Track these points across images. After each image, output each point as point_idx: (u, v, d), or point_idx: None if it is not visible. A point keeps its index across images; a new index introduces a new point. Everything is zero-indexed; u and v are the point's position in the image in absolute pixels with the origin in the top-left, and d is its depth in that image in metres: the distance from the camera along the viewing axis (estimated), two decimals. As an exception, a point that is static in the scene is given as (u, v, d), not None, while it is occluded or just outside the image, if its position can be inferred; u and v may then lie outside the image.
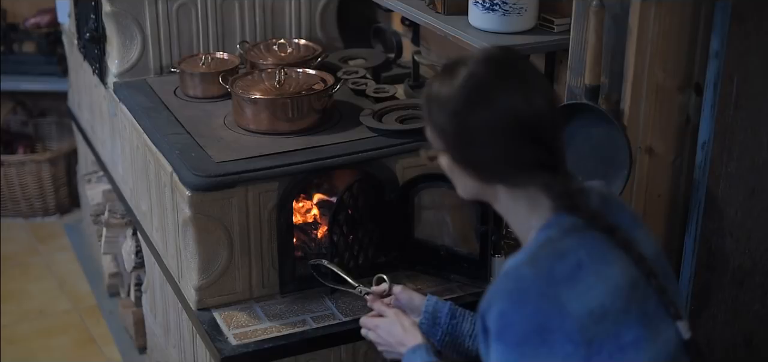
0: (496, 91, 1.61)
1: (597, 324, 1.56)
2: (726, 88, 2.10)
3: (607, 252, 1.63)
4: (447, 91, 1.64)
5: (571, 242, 1.62)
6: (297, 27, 3.29)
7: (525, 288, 1.58)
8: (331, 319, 2.40)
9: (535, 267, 1.60)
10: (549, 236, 1.64)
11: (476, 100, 1.61)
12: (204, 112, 2.80)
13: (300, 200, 2.64)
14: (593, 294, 1.58)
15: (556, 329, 1.55)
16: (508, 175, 1.66)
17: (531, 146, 1.61)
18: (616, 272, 1.62)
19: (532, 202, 1.67)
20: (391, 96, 2.83)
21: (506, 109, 1.60)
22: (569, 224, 1.64)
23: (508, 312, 1.57)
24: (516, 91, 1.61)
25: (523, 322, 1.56)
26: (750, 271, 2.28)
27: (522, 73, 1.64)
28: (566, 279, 1.58)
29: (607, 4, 2.12)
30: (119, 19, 3.08)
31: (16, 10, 4.53)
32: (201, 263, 2.42)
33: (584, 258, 1.60)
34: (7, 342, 3.53)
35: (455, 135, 1.65)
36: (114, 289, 3.72)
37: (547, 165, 1.63)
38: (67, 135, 4.50)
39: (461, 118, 1.63)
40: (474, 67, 1.63)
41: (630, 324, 1.60)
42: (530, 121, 1.61)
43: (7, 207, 4.40)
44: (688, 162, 2.21)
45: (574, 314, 1.55)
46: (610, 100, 2.20)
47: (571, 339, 1.55)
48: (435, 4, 2.61)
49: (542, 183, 1.64)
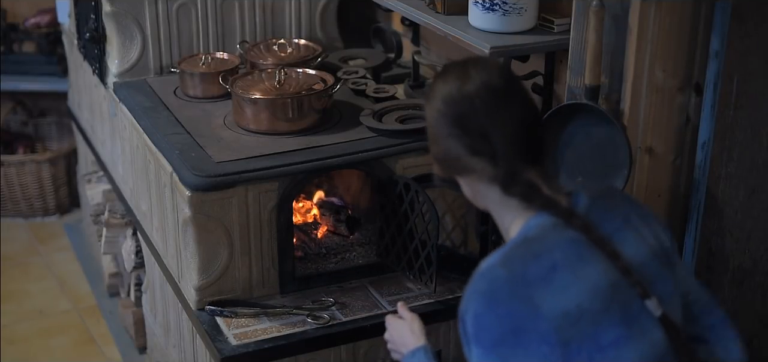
0: (436, 84, 1.72)
1: (573, 325, 1.56)
2: (726, 88, 2.10)
3: (585, 252, 1.62)
4: None
5: (546, 243, 1.62)
6: (297, 27, 3.29)
7: (497, 288, 1.59)
8: (331, 320, 2.40)
9: (508, 268, 1.60)
10: (525, 236, 1.64)
11: (427, 97, 1.74)
12: (204, 112, 2.80)
13: (300, 200, 2.65)
14: (569, 295, 1.58)
15: (530, 330, 1.55)
16: (449, 163, 1.72)
17: (461, 132, 1.66)
18: (593, 272, 1.61)
19: (502, 201, 1.69)
20: (391, 96, 2.83)
21: (439, 97, 1.69)
22: (548, 224, 1.64)
23: (482, 314, 1.58)
24: (451, 81, 1.69)
25: (497, 324, 1.57)
26: (750, 271, 2.28)
27: (463, 67, 1.71)
28: (540, 280, 1.58)
29: (607, 4, 2.12)
30: (119, 19, 3.08)
31: (16, 10, 4.53)
32: (201, 263, 2.42)
33: (559, 258, 1.60)
34: (7, 342, 3.53)
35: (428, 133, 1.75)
36: (114, 289, 3.72)
37: (483, 153, 1.66)
38: (67, 135, 4.50)
39: (426, 121, 1.75)
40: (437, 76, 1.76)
41: (609, 325, 1.59)
42: (457, 106, 1.67)
43: (7, 207, 4.40)
44: (688, 162, 2.21)
45: (548, 315, 1.55)
46: (610, 100, 2.20)
47: (546, 340, 1.55)
48: (435, 4, 2.61)
49: (484, 175, 1.67)
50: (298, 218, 2.66)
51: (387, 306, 2.45)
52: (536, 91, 2.59)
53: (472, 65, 1.71)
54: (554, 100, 2.57)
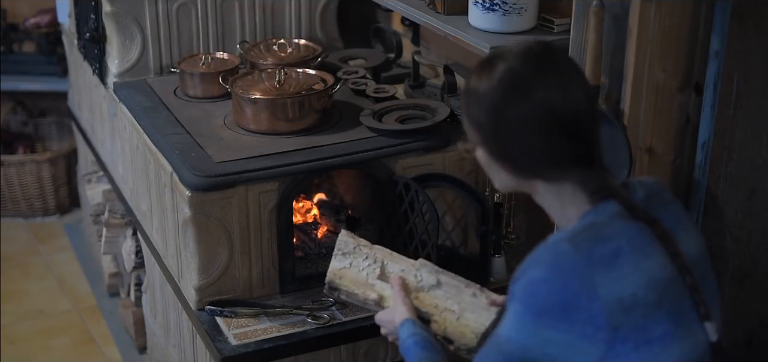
0: (533, 85, 1.61)
1: (626, 313, 1.56)
2: (726, 88, 2.10)
3: (647, 244, 1.62)
4: (485, 85, 1.64)
5: (614, 228, 1.62)
6: (297, 27, 3.29)
7: (562, 261, 1.57)
8: (331, 320, 2.40)
9: (576, 245, 1.59)
10: (594, 220, 1.63)
11: (514, 94, 1.61)
12: (204, 112, 2.80)
13: (300, 200, 2.65)
14: (627, 283, 1.57)
15: (582, 308, 1.54)
16: (544, 169, 1.66)
17: (567, 141, 1.62)
18: (653, 265, 1.61)
19: (570, 195, 1.67)
20: (391, 96, 2.83)
21: (543, 103, 1.60)
22: (615, 211, 1.63)
23: (539, 280, 1.57)
24: (553, 86, 1.61)
25: (551, 295, 1.56)
26: (750, 271, 2.28)
27: (560, 68, 1.64)
28: (603, 263, 1.57)
29: (607, 4, 2.12)
30: (119, 19, 3.08)
31: (16, 10, 4.53)
32: (201, 263, 2.42)
33: (624, 245, 1.60)
34: (7, 342, 3.53)
35: (492, 129, 1.65)
36: (114, 289, 3.72)
37: (584, 160, 1.64)
38: (67, 135, 4.50)
39: (498, 113, 1.63)
40: (512, 62, 1.63)
41: (660, 319, 1.59)
42: (567, 116, 1.61)
43: (7, 207, 4.40)
44: (688, 162, 2.21)
45: (603, 298, 1.55)
46: (610, 100, 2.20)
47: (594, 321, 1.54)
48: (435, 4, 2.61)
49: (578, 178, 1.65)
50: (298, 218, 2.66)
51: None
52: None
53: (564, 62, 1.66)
54: (554, 100, 2.56)
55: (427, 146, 2.56)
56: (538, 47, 1.66)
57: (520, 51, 1.65)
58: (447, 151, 2.59)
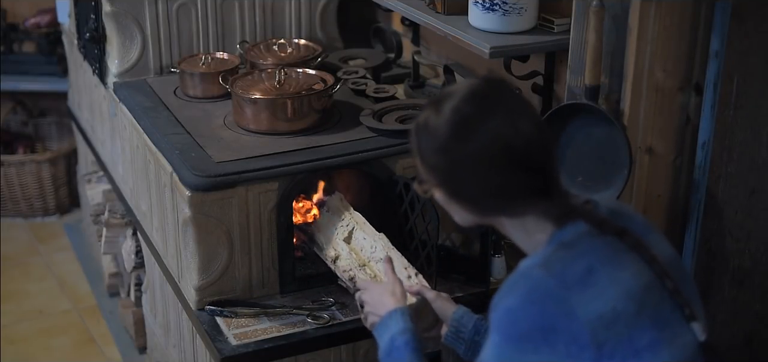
0: (481, 121, 1.61)
1: (608, 328, 1.56)
2: (726, 88, 2.10)
3: (618, 256, 1.63)
4: (434, 126, 1.65)
5: (583, 247, 1.62)
6: (297, 27, 3.29)
7: (536, 287, 1.58)
8: (331, 320, 2.40)
9: (549, 269, 1.59)
10: (562, 241, 1.64)
11: (463, 134, 1.62)
12: (204, 112, 2.80)
13: (300, 200, 2.64)
14: (605, 298, 1.58)
15: (562, 331, 1.55)
16: (504, 206, 1.67)
17: (523, 174, 1.62)
18: (628, 276, 1.61)
19: (534, 226, 1.68)
20: (391, 96, 2.83)
21: (493, 139, 1.60)
22: (582, 230, 1.64)
23: (515, 308, 1.58)
24: (501, 120, 1.61)
25: (528, 320, 1.56)
26: (750, 271, 2.28)
27: (506, 102, 1.64)
28: (577, 282, 1.58)
29: (607, 4, 2.12)
30: (119, 19, 3.08)
31: (16, 10, 4.53)
32: (201, 263, 2.42)
33: (595, 262, 1.60)
34: (7, 342, 3.53)
35: (446, 171, 1.66)
36: (114, 289, 3.72)
37: (542, 191, 1.63)
38: (67, 135, 4.50)
39: (450, 154, 1.63)
40: (458, 102, 1.63)
41: (644, 328, 1.59)
42: (518, 148, 1.60)
43: (7, 207, 4.40)
44: (688, 162, 2.21)
45: (583, 318, 1.55)
46: (610, 100, 2.20)
47: (577, 341, 1.54)
48: (435, 4, 2.61)
49: (540, 210, 1.65)
50: (298, 218, 2.66)
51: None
52: (536, 91, 2.59)
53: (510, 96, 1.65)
54: (554, 100, 2.57)
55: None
56: (483, 84, 1.66)
57: (466, 89, 1.65)
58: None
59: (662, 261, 1.65)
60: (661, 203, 2.23)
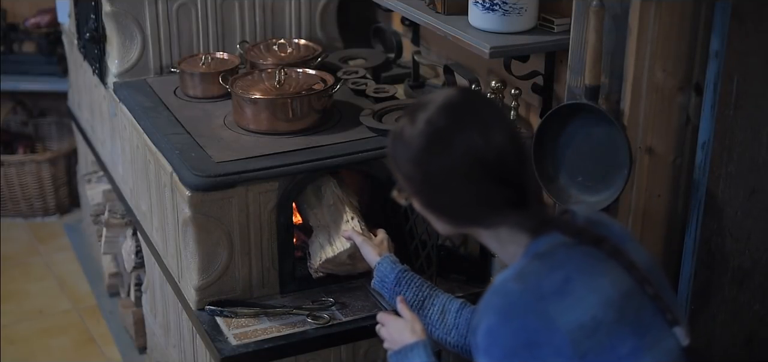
0: (453, 134, 1.62)
1: (589, 337, 1.56)
2: (726, 88, 2.10)
3: (596, 264, 1.63)
4: (408, 137, 1.66)
5: (559, 257, 1.62)
6: (297, 27, 3.29)
7: (512, 302, 1.58)
8: (331, 320, 2.40)
9: (523, 282, 1.60)
10: (537, 252, 1.64)
11: (435, 146, 1.63)
12: (204, 112, 2.80)
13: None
14: (584, 307, 1.57)
15: (544, 343, 1.54)
16: (478, 217, 1.67)
17: (496, 186, 1.62)
18: (606, 283, 1.61)
19: (508, 237, 1.68)
20: (391, 96, 2.83)
21: (465, 152, 1.61)
22: (557, 241, 1.64)
23: (495, 327, 1.57)
24: (474, 133, 1.61)
25: (510, 338, 1.56)
26: (750, 271, 2.28)
27: (479, 114, 1.65)
28: (554, 293, 1.57)
29: (607, 4, 2.12)
30: (119, 19, 3.08)
31: (16, 10, 4.53)
32: (201, 263, 2.42)
33: (572, 271, 1.60)
34: (7, 342, 3.53)
35: (420, 181, 1.67)
36: (114, 289, 3.72)
37: (517, 202, 1.64)
38: (67, 135, 4.50)
39: (424, 166, 1.64)
40: (432, 114, 1.64)
41: (625, 335, 1.59)
42: (491, 161, 1.61)
43: (7, 207, 4.40)
44: (688, 162, 2.21)
45: (563, 328, 1.55)
46: (610, 100, 2.20)
47: (561, 353, 1.54)
48: (435, 4, 2.61)
49: (514, 221, 1.65)
50: (298, 218, 2.66)
51: (387, 306, 2.45)
52: (536, 91, 2.59)
53: (484, 107, 1.66)
54: (554, 100, 2.57)
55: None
56: (456, 96, 1.67)
57: (441, 101, 1.66)
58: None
59: (642, 268, 1.64)
60: (661, 203, 2.23)
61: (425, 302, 2.06)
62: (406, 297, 2.06)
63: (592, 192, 2.23)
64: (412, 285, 2.07)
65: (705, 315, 2.27)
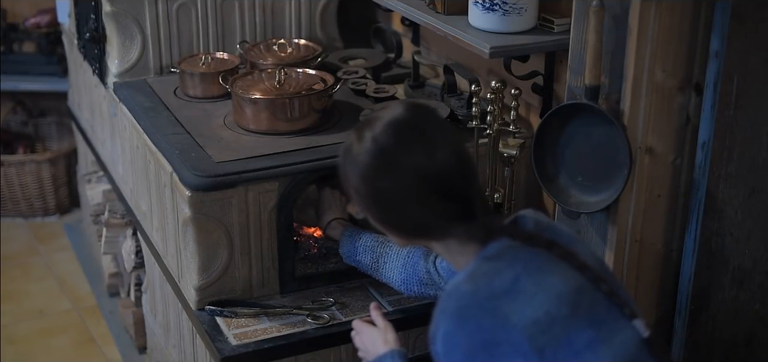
0: (398, 154, 1.64)
1: (545, 332, 1.57)
2: (726, 88, 2.10)
3: (544, 264, 1.65)
4: (355, 154, 1.69)
5: (507, 258, 1.65)
6: (297, 27, 3.29)
7: (465, 304, 1.60)
8: (331, 320, 2.40)
9: (474, 283, 1.61)
10: (486, 256, 1.66)
11: (380, 165, 1.66)
12: (204, 112, 2.80)
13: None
14: (536, 304, 1.59)
15: (501, 341, 1.56)
16: (426, 231, 1.70)
17: (442, 202, 1.65)
18: (556, 281, 1.63)
19: (458, 248, 1.71)
20: (391, 96, 2.83)
21: (409, 171, 1.63)
22: (505, 245, 1.66)
23: (451, 331, 1.59)
24: (418, 151, 1.64)
25: (467, 339, 1.57)
26: (750, 271, 2.28)
27: (425, 132, 1.67)
28: (506, 292, 1.59)
29: (607, 4, 2.12)
30: (119, 19, 3.08)
31: (16, 10, 4.53)
32: (201, 263, 2.42)
33: (521, 271, 1.62)
34: (7, 342, 3.53)
35: (367, 197, 1.70)
36: (114, 289, 3.72)
37: (463, 215, 1.66)
38: (67, 135, 4.50)
39: (370, 183, 1.67)
40: (377, 133, 1.67)
41: (581, 329, 1.60)
42: (436, 178, 1.63)
43: (7, 207, 4.40)
44: (688, 162, 2.21)
45: (518, 325, 1.56)
46: (610, 100, 2.20)
47: (519, 350, 1.55)
48: (435, 4, 2.61)
49: (462, 232, 1.67)
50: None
51: (387, 306, 2.45)
52: (536, 91, 2.59)
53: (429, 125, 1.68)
54: (554, 100, 2.57)
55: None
56: (402, 114, 1.69)
57: (387, 119, 1.68)
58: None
59: (594, 267, 1.66)
60: (661, 203, 2.23)
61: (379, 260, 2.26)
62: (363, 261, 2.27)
63: (592, 193, 2.23)
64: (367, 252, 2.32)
65: (705, 315, 2.27)
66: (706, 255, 2.22)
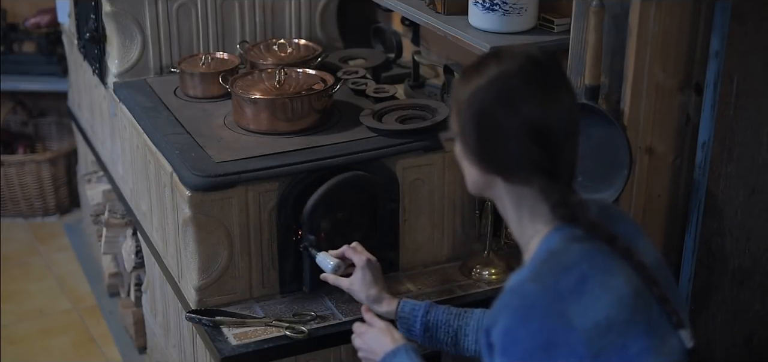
0: (521, 97, 1.61)
1: (603, 336, 1.56)
2: (726, 88, 2.10)
3: (609, 263, 1.62)
4: (477, 80, 1.65)
5: (573, 255, 1.62)
6: (297, 27, 3.29)
7: (530, 304, 1.58)
8: (331, 319, 2.40)
9: (540, 282, 1.59)
10: (550, 249, 1.64)
11: (499, 100, 1.62)
12: (204, 112, 2.80)
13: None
14: (599, 307, 1.57)
15: (562, 344, 1.55)
16: (510, 171, 1.66)
17: (537, 149, 1.62)
18: (619, 283, 1.61)
19: (530, 206, 1.67)
20: (391, 96, 2.83)
21: (523, 113, 1.61)
22: (570, 236, 1.64)
23: (513, 328, 1.57)
24: (537, 102, 1.61)
25: (528, 339, 1.56)
26: (750, 271, 2.28)
27: (551, 84, 1.64)
28: (571, 293, 1.57)
29: (607, 4, 2.12)
30: (119, 19, 3.08)
31: (16, 10, 4.53)
32: (201, 263, 2.42)
33: (587, 270, 1.60)
34: (7, 342, 3.53)
35: (472, 119, 1.65)
36: (114, 289, 3.72)
37: (548, 171, 1.63)
38: (67, 135, 4.50)
39: (481, 106, 1.64)
40: (507, 66, 1.64)
41: (636, 335, 1.59)
42: (544, 128, 1.61)
43: (7, 207, 4.40)
44: (688, 162, 2.21)
45: (580, 328, 1.55)
46: (610, 100, 2.20)
47: (576, 352, 1.54)
48: (435, 4, 2.61)
49: (540, 187, 1.64)
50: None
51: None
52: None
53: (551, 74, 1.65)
54: (554, 100, 2.56)
55: (427, 146, 2.56)
56: (533, 59, 1.65)
57: (519, 58, 1.65)
58: (447, 151, 2.59)
59: (650, 269, 1.65)
60: (661, 203, 2.23)
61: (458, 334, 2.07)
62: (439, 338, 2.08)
63: (592, 193, 2.23)
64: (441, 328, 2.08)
65: (705, 315, 2.27)
66: (706, 255, 2.22)
